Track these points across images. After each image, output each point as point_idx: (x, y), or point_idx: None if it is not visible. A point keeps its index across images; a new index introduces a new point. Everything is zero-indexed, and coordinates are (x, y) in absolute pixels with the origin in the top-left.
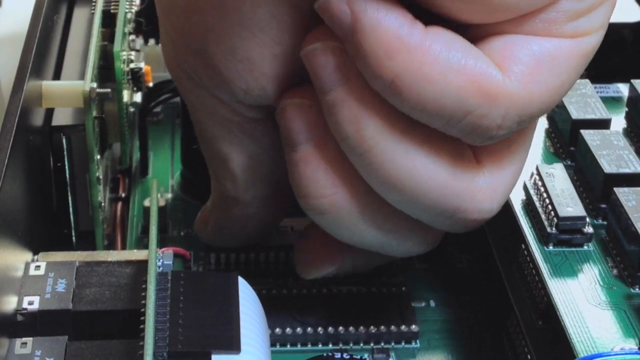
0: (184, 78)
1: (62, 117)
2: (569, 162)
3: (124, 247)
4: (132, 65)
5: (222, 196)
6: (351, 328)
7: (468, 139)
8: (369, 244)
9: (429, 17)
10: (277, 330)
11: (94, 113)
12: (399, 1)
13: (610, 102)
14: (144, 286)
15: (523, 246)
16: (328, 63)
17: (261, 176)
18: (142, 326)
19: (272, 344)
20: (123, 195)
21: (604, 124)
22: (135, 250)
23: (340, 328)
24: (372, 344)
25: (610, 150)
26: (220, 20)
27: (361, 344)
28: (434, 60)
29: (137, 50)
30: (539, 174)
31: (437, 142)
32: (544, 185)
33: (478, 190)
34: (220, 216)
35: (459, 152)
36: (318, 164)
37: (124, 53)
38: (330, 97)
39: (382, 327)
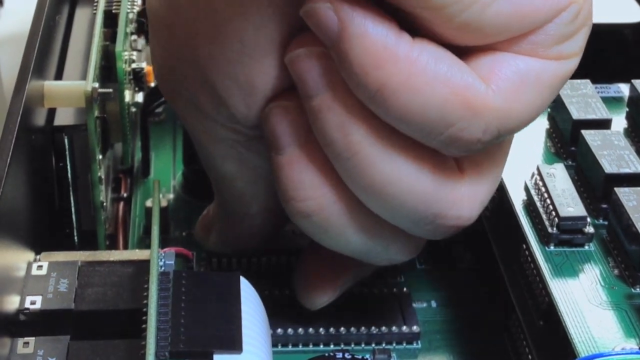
0: (183, 103)
1: (64, 117)
2: (570, 162)
3: (125, 247)
4: (133, 65)
5: (228, 211)
6: (353, 328)
7: (446, 151)
8: (353, 250)
9: (416, 33)
10: (279, 330)
11: (96, 113)
12: (388, 15)
13: (611, 102)
14: (145, 286)
15: (524, 246)
16: (313, 68)
17: (266, 188)
18: (144, 326)
19: (274, 344)
20: (125, 195)
21: (604, 124)
22: (137, 250)
23: (342, 328)
24: (373, 345)
25: (611, 151)
26: (221, 48)
27: (362, 345)
28: (420, 72)
29: (139, 50)
30: (539, 174)
31: (421, 149)
32: (544, 185)
33: (459, 198)
34: (225, 230)
35: (441, 159)
36: (304, 167)
37: (126, 53)
38: (315, 102)
39: (384, 327)
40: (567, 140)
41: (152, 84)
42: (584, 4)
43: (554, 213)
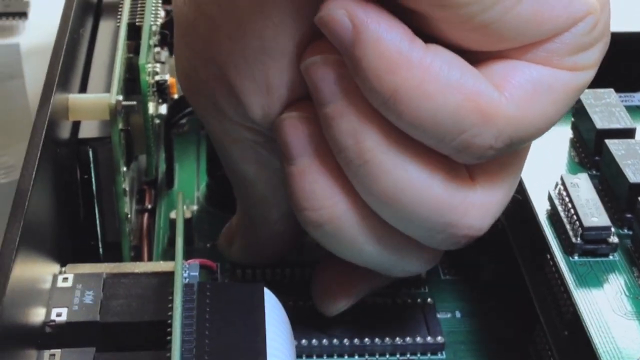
0: (203, 104)
1: (89, 130)
2: (594, 172)
3: (150, 259)
4: (157, 78)
5: (250, 217)
6: (377, 339)
7: (458, 157)
8: (367, 261)
9: (429, 39)
10: (303, 341)
11: (120, 125)
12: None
13: (635, 111)
14: (170, 298)
15: (548, 256)
16: (327, 76)
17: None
18: (168, 337)
19: (298, 355)
20: (149, 207)
21: (628, 133)
22: (161, 262)
23: (366, 339)
24: (397, 355)
25: (635, 160)
26: (241, 46)
27: (387, 355)
28: (433, 77)
29: (162, 63)
30: (563, 184)
31: (433, 157)
32: (568, 195)
33: (470, 207)
34: (248, 237)
35: (453, 167)
36: (316, 177)
37: (150, 65)
38: (329, 109)
39: (408, 338)
40: (591, 149)
41: (176, 96)
42: (601, 17)
43: (578, 223)
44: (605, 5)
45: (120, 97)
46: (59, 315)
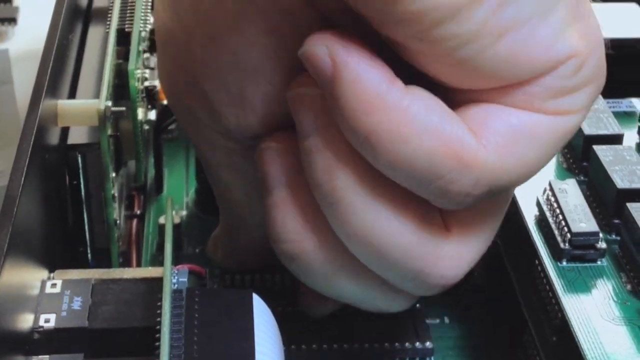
0: (180, 108)
1: (78, 136)
2: (582, 178)
3: (139, 265)
4: (146, 83)
5: (229, 222)
6: (366, 345)
7: (437, 202)
8: (346, 297)
9: (415, 74)
10: (293, 347)
11: (109, 131)
12: (387, 55)
13: (623, 117)
14: (159, 303)
15: (536, 262)
16: (310, 109)
17: (262, 200)
18: (157, 344)
19: None
20: (138, 212)
21: (616, 139)
22: (150, 268)
23: (355, 345)
24: None
25: (623, 166)
26: (215, 57)
27: None
28: (410, 121)
29: (152, 68)
30: (551, 189)
31: (406, 204)
32: (556, 201)
33: (443, 257)
34: (229, 242)
35: (427, 216)
36: (289, 209)
37: (139, 71)
38: (307, 143)
39: (397, 344)
40: (579, 155)
41: (165, 102)
42: (588, 60)
43: (566, 229)
44: (595, 49)
45: (110, 103)
46: (47, 321)
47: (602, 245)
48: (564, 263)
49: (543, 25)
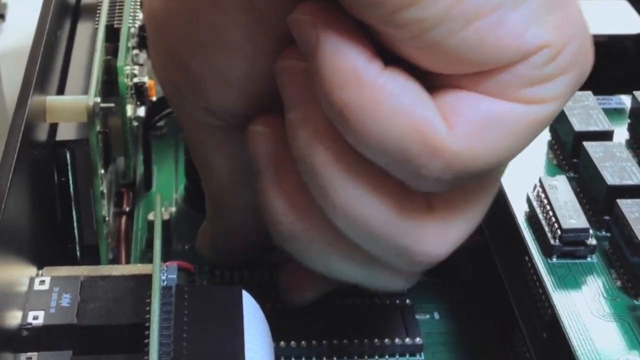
0: (168, 87)
1: (66, 132)
2: (572, 174)
3: (128, 261)
4: (135, 80)
5: (214, 207)
6: (356, 341)
7: (411, 184)
8: (344, 276)
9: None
10: (282, 343)
11: (98, 127)
12: (374, 38)
13: (613, 113)
14: (148, 300)
15: (526, 258)
16: (294, 81)
17: (246, 182)
18: (146, 341)
19: (277, 357)
20: (127, 209)
21: (606, 135)
22: (139, 264)
23: (345, 341)
24: (376, 357)
25: (613, 162)
26: (195, 34)
27: (365, 357)
28: (382, 100)
29: (141, 65)
30: (542, 186)
31: (385, 181)
32: (547, 197)
33: (425, 234)
34: (215, 230)
35: (407, 194)
36: (278, 191)
37: (128, 67)
38: (291, 115)
39: (387, 339)
40: (569, 152)
41: (154, 98)
42: (566, 49)
43: (556, 225)
44: (574, 37)
45: (98, 99)
46: (35, 318)
47: (592, 241)
48: (554, 259)
49: (514, 14)
